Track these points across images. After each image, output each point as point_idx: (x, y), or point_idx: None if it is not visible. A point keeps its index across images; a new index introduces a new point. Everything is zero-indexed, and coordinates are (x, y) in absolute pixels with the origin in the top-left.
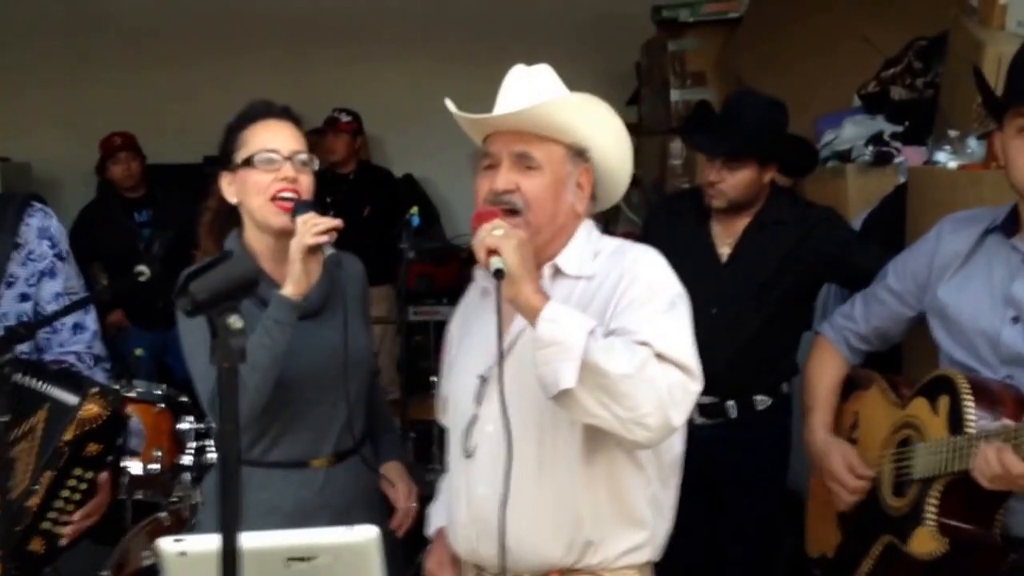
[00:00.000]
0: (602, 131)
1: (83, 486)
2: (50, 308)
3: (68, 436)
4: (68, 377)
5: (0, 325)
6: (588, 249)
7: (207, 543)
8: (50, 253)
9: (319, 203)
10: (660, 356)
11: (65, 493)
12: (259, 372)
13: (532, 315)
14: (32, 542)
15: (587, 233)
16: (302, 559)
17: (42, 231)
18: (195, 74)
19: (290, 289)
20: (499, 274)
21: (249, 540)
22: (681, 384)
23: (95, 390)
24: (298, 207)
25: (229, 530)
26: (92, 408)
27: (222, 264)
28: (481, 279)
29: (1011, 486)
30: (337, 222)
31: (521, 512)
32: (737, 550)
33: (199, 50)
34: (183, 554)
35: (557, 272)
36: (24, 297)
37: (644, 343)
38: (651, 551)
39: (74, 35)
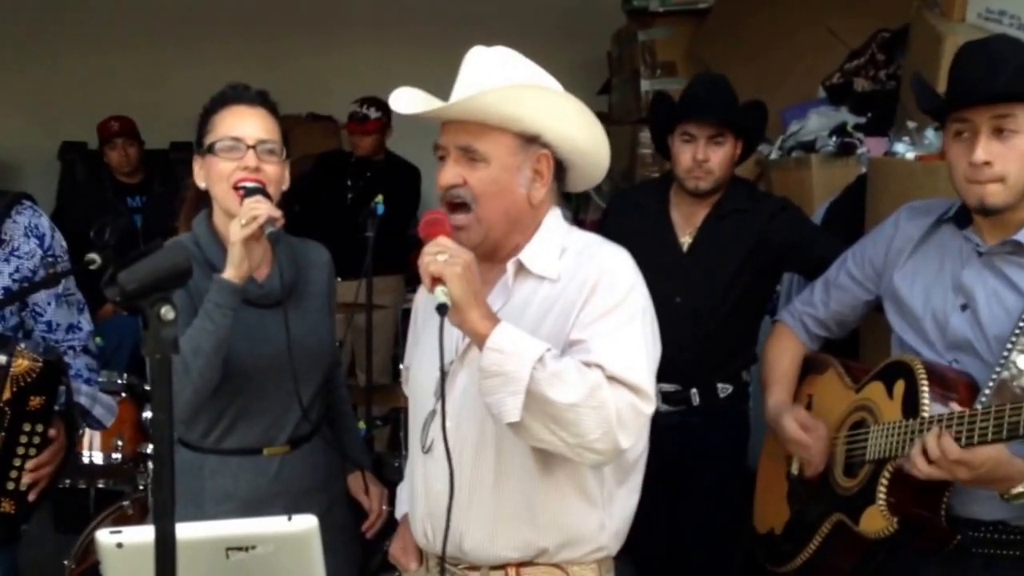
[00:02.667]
0: (554, 114)
1: (36, 440)
2: (49, 310)
3: (6, 395)
4: None
5: None
6: (555, 244)
7: (144, 534)
8: (39, 253)
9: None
10: (612, 378)
11: (20, 451)
12: (202, 357)
13: (479, 342)
14: (1, 504)
15: (555, 224)
16: (242, 549)
17: (29, 229)
18: (162, 60)
19: (230, 272)
20: (442, 309)
21: (188, 531)
22: (631, 406)
23: (22, 346)
24: (248, 190)
25: (163, 520)
26: (22, 363)
27: (152, 254)
28: None
29: (948, 472)
30: (276, 212)
31: (476, 516)
32: (699, 534)
33: (166, 35)
34: (120, 545)
35: (521, 268)
36: (7, 291)
37: (597, 365)
38: (608, 549)
39: (37, 19)
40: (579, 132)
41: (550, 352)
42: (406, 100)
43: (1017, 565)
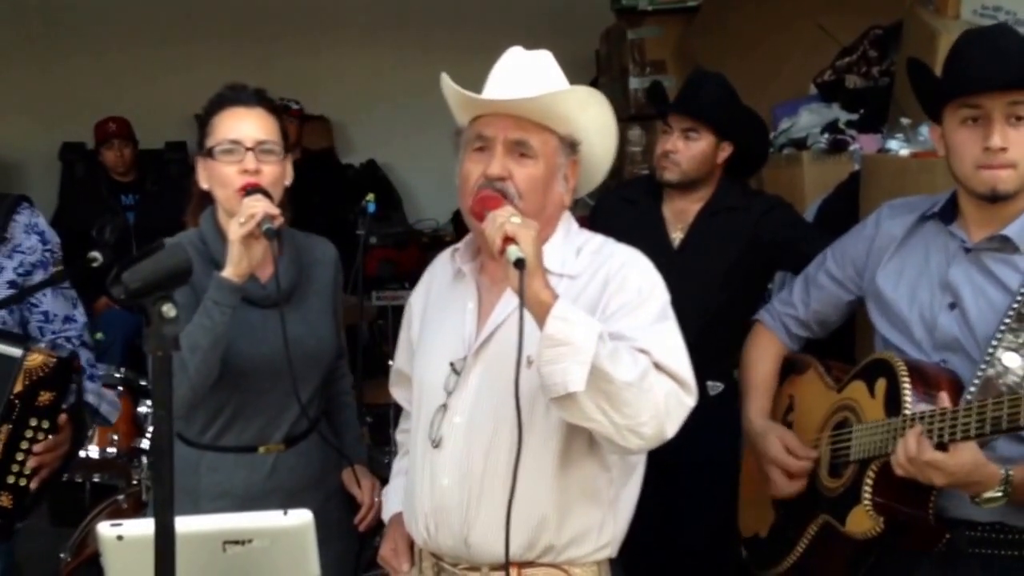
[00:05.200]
0: (596, 125)
1: (40, 436)
2: (45, 301)
3: (18, 388)
4: (7, 334)
5: None
6: (570, 244)
7: (144, 527)
8: (40, 248)
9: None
10: (658, 366)
11: (24, 445)
12: (199, 353)
13: (542, 311)
14: (0, 498)
15: (567, 226)
16: (239, 543)
17: (29, 227)
18: (157, 60)
19: (229, 271)
20: (520, 264)
21: (186, 524)
22: (676, 395)
23: (40, 345)
24: (248, 190)
25: (163, 513)
26: (37, 357)
27: (155, 254)
28: (459, 259)
29: (921, 475)
30: (274, 210)
31: (487, 508)
32: (692, 534)
33: (163, 37)
34: (120, 538)
35: None
36: (12, 285)
37: (644, 351)
38: (610, 550)
39: (36, 20)
40: (604, 145)
41: (605, 332)
42: (458, 89)
43: (1015, 566)
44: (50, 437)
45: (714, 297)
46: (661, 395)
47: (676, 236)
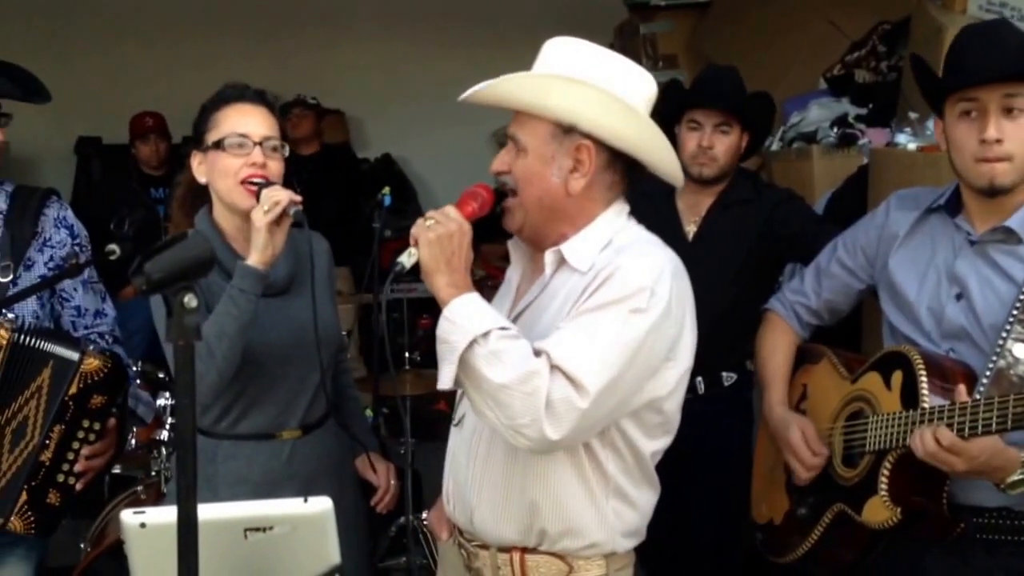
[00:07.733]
0: (588, 106)
1: (92, 437)
2: (76, 296)
3: (73, 390)
4: (66, 337)
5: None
6: (601, 238)
7: (167, 515)
8: (70, 241)
9: (288, 186)
10: (555, 367)
11: (75, 445)
12: (227, 340)
13: (442, 308)
14: (49, 495)
15: (609, 221)
16: (260, 530)
17: (58, 220)
18: (173, 56)
19: (255, 258)
20: (398, 266)
21: (208, 511)
22: (566, 400)
23: (91, 348)
24: (262, 186)
25: (186, 501)
26: (93, 362)
27: (176, 244)
28: (511, 245)
29: (944, 462)
30: (296, 196)
31: (484, 491)
32: (705, 522)
33: (177, 32)
34: (143, 525)
35: (562, 262)
36: (42, 279)
37: (544, 352)
38: (614, 546)
39: (51, 15)
40: (621, 125)
41: (506, 331)
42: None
43: (1019, 550)
44: (97, 443)
45: (727, 289)
46: (543, 398)
47: (690, 229)
